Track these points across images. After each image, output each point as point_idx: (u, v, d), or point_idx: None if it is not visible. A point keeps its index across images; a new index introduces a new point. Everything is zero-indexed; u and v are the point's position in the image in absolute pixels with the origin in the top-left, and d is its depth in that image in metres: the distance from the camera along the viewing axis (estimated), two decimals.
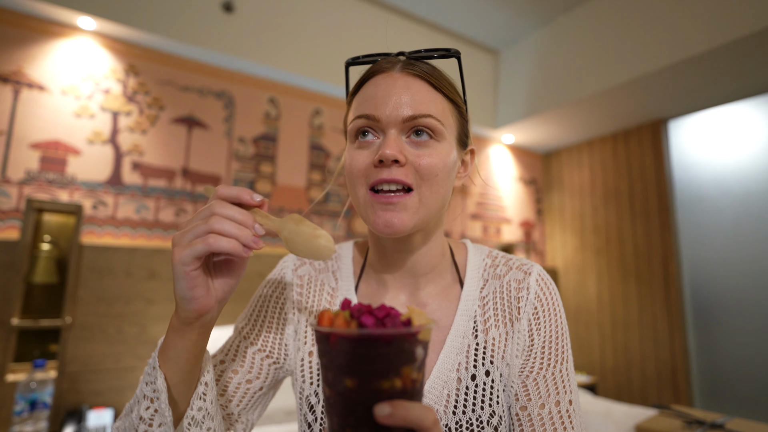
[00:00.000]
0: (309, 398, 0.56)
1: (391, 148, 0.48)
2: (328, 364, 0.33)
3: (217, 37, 2.16)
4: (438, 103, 0.52)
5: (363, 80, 0.55)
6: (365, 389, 0.31)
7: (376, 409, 0.30)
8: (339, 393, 0.32)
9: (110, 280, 1.86)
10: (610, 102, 2.70)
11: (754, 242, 2.47)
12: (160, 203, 2.08)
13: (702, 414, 1.66)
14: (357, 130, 0.53)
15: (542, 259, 3.65)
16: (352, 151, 0.53)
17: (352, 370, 0.31)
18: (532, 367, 0.53)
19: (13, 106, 1.80)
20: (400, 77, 0.52)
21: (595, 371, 3.14)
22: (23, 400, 1.46)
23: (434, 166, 0.50)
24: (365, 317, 0.32)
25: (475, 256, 0.61)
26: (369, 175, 0.50)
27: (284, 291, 0.62)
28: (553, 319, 0.55)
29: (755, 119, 2.55)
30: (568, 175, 3.55)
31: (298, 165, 2.51)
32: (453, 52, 0.55)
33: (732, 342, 2.52)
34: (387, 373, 0.31)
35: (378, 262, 0.59)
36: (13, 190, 1.77)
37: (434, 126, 0.50)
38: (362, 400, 0.31)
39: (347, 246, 0.66)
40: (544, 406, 0.51)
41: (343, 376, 0.31)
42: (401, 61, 0.54)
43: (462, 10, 2.77)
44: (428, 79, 0.52)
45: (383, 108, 0.50)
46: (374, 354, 0.31)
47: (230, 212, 0.42)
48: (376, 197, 0.50)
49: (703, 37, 2.10)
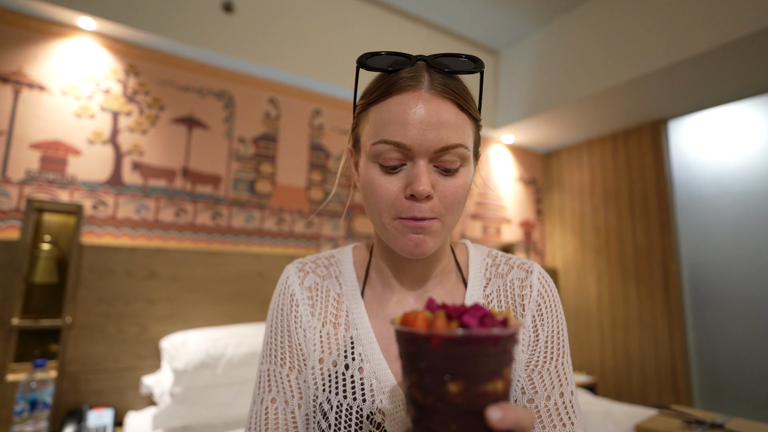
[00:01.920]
0: (322, 405, 0.55)
1: (425, 185, 0.47)
2: (425, 368, 0.30)
3: (217, 37, 2.16)
4: (466, 127, 0.51)
5: (385, 93, 0.50)
6: (470, 393, 0.30)
7: (490, 413, 0.29)
8: (439, 398, 0.30)
9: (110, 280, 1.86)
10: (610, 102, 2.70)
11: (754, 242, 2.47)
12: (160, 203, 2.08)
13: (702, 414, 1.66)
14: (382, 155, 0.50)
15: (542, 259, 3.65)
16: (374, 174, 0.51)
17: (458, 373, 0.30)
18: (537, 360, 0.55)
19: (14, 106, 1.80)
20: (429, 99, 0.49)
21: (595, 371, 3.14)
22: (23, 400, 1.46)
23: (458, 193, 0.51)
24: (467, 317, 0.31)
25: (477, 256, 0.63)
26: (398, 206, 0.50)
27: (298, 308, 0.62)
28: (555, 315, 0.57)
29: (755, 119, 2.55)
30: (568, 175, 3.55)
31: (298, 165, 2.51)
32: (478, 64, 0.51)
33: (732, 342, 2.52)
34: (492, 375, 0.30)
35: (387, 266, 0.60)
36: (14, 190, 1.77)
37: (462, 154, 0.50)
38: (466, 405, 0.30)
39: (346, 251, 0.66)
40: (550, 398, 0.53)
41: (445, 381, 0.30)
42: (425, 74, 0.50)
43: (462, 10, 2.77)
44: (455, 99, 0.50)
45: (413, 136, 0.48)
46: (482, 356, 0.30)
47: None
48: (405, 222, 0.50)
49: (703, 37, 2.10)
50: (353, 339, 0.58)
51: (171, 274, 2.00)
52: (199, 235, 2.16)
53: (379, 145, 0.50)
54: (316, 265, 0.64)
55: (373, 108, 0.52)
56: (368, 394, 0.54)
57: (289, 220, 2.42)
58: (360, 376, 0.55)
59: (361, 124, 0.54)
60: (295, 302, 0.61)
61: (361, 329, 0.58)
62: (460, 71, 0.51)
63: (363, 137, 0.54)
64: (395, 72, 0.51)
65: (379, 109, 0.51)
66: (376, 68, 0.52)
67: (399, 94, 0.49)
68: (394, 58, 0.51)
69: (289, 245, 2.41)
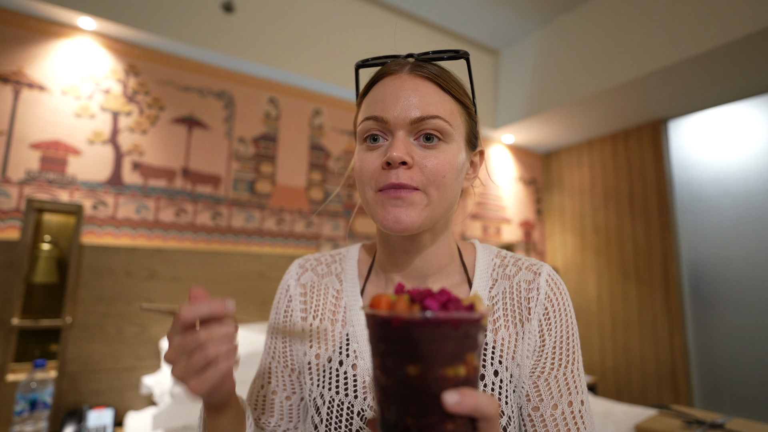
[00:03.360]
0: (316, 400, 0.56)
1: (399, 150, 0.49)
2: (387, 350, 0.31)
3: (217, 37, 2.16)
4: (446, 104, 0.52)
5: (372, 82, 0.56)
6: (429, 376, 0.30)
7: (446, 397, 0.29)
8: (399, 381, 0.30)
9: (110, 280, 1.86)
10: (610, 102, 2.70)
11: (754, 242, 2.47)
12: (160, 203, 2.08)
13: (702, 414, 1.66)
14: (365, 132, 0.53)
15: (542, 259, 3.65)
16: (361, 153, 0.54)
17: (416, 356, 0.30)
18: (543, 367, 0.53)
19: (14, 106, 1.80)
20: (408, 79, 0.52)
21: (595, 371, 3.14)
22: (23, 400, 1.46)
23: (441, 167, 0.50)
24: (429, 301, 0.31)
25: (484, 256, 0.61)
26: (377, 177, 0.51)
27: (290, 302, 0.64)
28: (564, 320, 0.55)
29: (755, 119, 2.55)
30: (568, 175, 3.55)
31: (298, 165, 2.51)
32: (462, 54, 0.55)
33: (732, 342, 2.52)
34: (452, 359, 0.30)
35: (387, 262, 0.60)
36: (14, 190, 1.77)
37: (442, 127, 0.51)
38: (425, 387, 0.30)
39: (354, 249, 0.67)
40: (557, 407, 0.51)
41: (405, 363, 0.30)
42: (410, 63, 0.54)
43: (462, 11, 2.77)
44: (436, 80, 0.52)
45: (391, 110, 0.50)
46: (440, 339, 0.29)
47: (219, 333, 0.42)
48: (384, 193, 0.50)
49: (703, 37, 2.10)
50: (349, 336, 0.58)
51: (171, 274, 2.00)
52: (199, 235, 2.16)
53: (363, 123, 0.53)
54: (318, 263, 0.66)
55: (365, 99, 0.56)
56: (360, 391, 0.54)
57: (289, 220, 2.42)
58: (353, 372, 0.55)
59: (357, 118, 0.58)
60: (289, 297, 0.64)
61: (357, 326, 0.58)
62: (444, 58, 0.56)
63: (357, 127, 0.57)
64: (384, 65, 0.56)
65: (367, 97, 0.56)
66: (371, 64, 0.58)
67: (383, 79, 0.54)
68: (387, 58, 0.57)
69: (289, 245, 2.41)
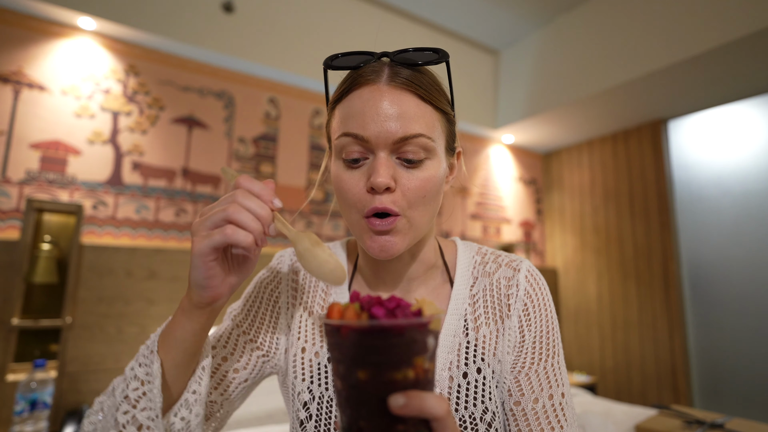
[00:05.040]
0: (301, 395, 0.55)
1: (383, 177, 0.47)
2: (339, 357, 0.32)
3: (217, 37, 2.16)
4: (427, 116, 0.50)
5: (347, 89, 0.51)
6: (378, 381, 0.31)
7: (391, 400, 0.30)
8: (351, 386, 0.32)
9: (110, 280, 1.86)
10: (610, 102, 2.70)
11: (754, 242, 2.47)
12: (160, 203, 2.08)
13: (702, 414, 1.66)
14: (343, 149, 0.50)
15: (542, 259, 3.65)
16: (340, 170, 0.51)
17: (365, 362, 0.31)
18: (524, 362, 0.53)
19: (14, 106, 1.80)
20: (387, 91, 0.49)
21: (594, 371, 3.14)
22: (23, 400, 1.46)
23: (423, 186, 0.49)
24: (376, 308, 0.32)
25: (465, 254, 0.61)
26: (363, 201, 0.49)
27: (279, 285, 0.62)
28: (543, 315, 0.55)
29: (755, 119, 2.55)
30: (568, 175, 3.55)
31: (298, 165, 2.51)
32: (441, 55, 0.51)
33: (732, 342, 2.52)
34: (399, 364, 0.31)
35: (368, 267, 0.60)
36: (14, 190, 1.77)
37: (425, 144, 0.49)
38: (375, 392, 0.31)
39: (338, 246, 0.66)
40: (538, 401, 0.52)
41: (355, 369, 0.31)
42: (386, 68, 0.50)
43: (462, 10, 2.77)
44: (416, 91, 0.49)
45: (372, 128, 0.47)
46: (386, 345, 0.31)
47: (252, 204, 0.42)
48: (371, 224, 0.49)
49: (703, 37, 2.10)
50: None
51: (171, 274, 2.00)
52: None
53: (341, 139, 0.50)
54: None
55: (339, 106, 0.52)
56: None
57: (288, 220, 2.42)
58: None
59: (331, 123, 0.55)
60: (278, 279, 0.62)
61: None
62: (423, 63, 0.51)
63: (332, 135, 0.54)
64: (358, 69, 0.51)
65: (342, 105, 0.52)
66: (342, 67, 0.53)
67: (359, 88, 0.50)
68: (359, 57, 0.52)
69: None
